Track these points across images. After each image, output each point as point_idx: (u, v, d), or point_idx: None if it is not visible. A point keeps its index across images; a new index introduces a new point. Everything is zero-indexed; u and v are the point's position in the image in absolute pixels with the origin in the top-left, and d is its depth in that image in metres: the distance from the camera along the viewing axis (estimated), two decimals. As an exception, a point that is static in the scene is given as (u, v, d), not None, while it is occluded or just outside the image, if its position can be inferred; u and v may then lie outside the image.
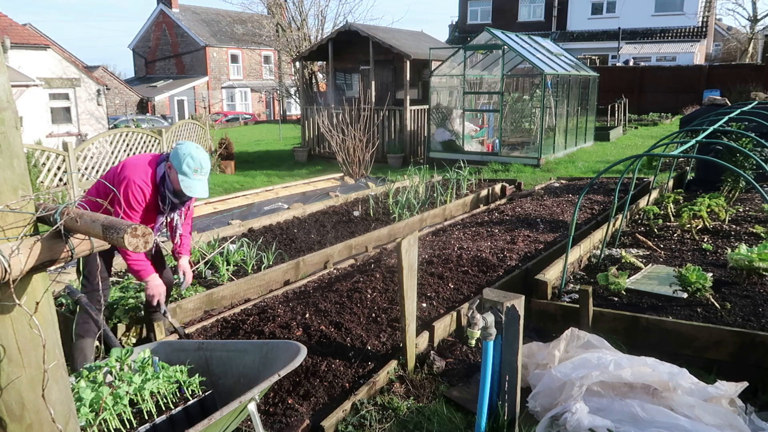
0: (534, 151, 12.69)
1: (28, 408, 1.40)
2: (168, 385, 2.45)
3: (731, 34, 40.70)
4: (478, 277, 5.03)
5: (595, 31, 30.99)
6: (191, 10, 37.59)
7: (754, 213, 6.38)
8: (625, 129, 18.70)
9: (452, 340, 4.00)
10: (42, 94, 16.76)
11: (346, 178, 11.44)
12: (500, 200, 8.76)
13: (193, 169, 3.28)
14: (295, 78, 22.87)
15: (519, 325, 2.79)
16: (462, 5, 34.50)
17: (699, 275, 4.04)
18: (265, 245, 6.15)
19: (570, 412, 2.77)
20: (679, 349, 3.51)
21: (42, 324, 1.38)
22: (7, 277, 1.26)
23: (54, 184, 9.67)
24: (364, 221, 7.48)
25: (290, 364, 2.39)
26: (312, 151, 15.69)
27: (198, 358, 2.76)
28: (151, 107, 32.99)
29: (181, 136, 13.36)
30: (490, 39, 13.06)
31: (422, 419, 3.09)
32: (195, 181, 3.30)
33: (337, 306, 4.33)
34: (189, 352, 2.80)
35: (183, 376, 2.52)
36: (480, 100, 15.04)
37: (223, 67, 36.81)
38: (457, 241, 6.09)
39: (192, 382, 2.51)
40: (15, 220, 1.34)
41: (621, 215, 6.08)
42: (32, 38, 17.53)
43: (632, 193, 6.68)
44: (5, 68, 1.32)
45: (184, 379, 2.51)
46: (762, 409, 3.04)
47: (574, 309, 3.87)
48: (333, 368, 3.53)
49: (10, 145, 1.31)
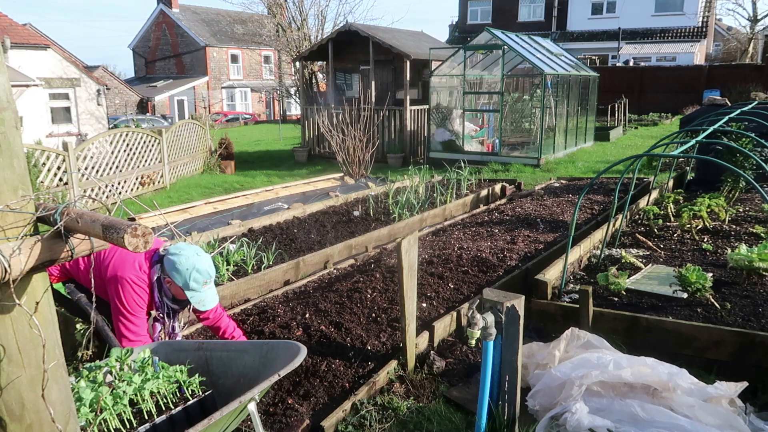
0: (534, 151, 12.69)
1: (28, 408, 1.40)
2: (168, 385, 2.45)
3: (731, 34, 40.70)
4: (478, 277, 5.03)
5: (595, 31, 30.99)
6: (191, 10, 37.59)
7: (754, 213, 6.38)
8: (625, 129, 18.70)
9: (452, 340, 4.00)
10: (42, 94, 16.76)
11: (346, 178, 11.44)
12: (500, 200, 8.76)
13: (202, 283, 2.89)
14: (295, 78, 22.88)
15: (519, 325, 2.79)
16: (462, 5, 34.50)
17: (699, 275, 4.04)
18: (265, 245, 6.15)
19: (570, 412, 2.77)
20: (679, 349, 3.51)
21: (42, 324, 1.38)
22: (7, 277, 1.26)
23: (54, 184, 9.66)
24: (364, 221, 7.49)
25: (290, 364, 2.39)
26: (312, 151, 15.69)
27: (198, 358, 2.76)
28: (151, 107, 32.98)
29: (181, 135, 13.35)
30: (490, 39, 13.06)
31: (422, 419, 3.09)
32: (206, 292, 2.93)
33: (337, 306, 4.33)
34: (189, 352, 2.80)
35: (183, 376, 2.51)
36: (480, 100, 15.04)
37: (223, 67, 36.80)
38: (457, 241, 6.09)
39: (192, 382, 2.51)
40: (15, 220, 1.34)
41: (621, 215, 6.08)
42: (32, 38, 17.53)
43: (632, 193, 6.68)
44: (5, 68, 1.32)
45: (184, 379, 2.51)
46: (762, 409, 3.04)
47: (574, 309, 3.87)
48: (333, 368, 3.53)
49: (10, 145, 1.31)
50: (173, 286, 2.94)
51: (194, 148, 14.04)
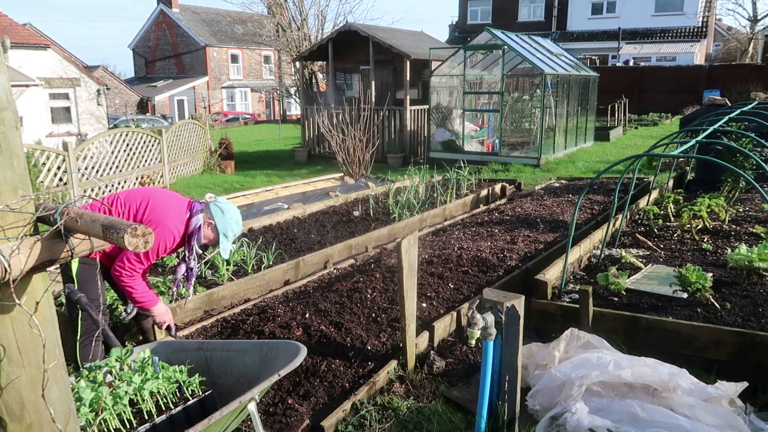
0: (534, 151, 12.69)
1: (28, 408, 1.40)
2: (168, 385, 2.45)
3: (731, 34, 40.70)
4: (478, 277, 5.03)
5: (595, 31, 30.99)
6: (191, 10, 37.59)
7: (754, 213, 6.38)
8: (625, 129, 18.70)
9: (452, 340, 4.00)
10: (42, 93, 16.76)
11: (346, 178, 11.44)
12: (500, 200, 8.76)
13: (233, 236, 3.37)
14: (295, 78, 22.88)
15: (519, 325, 2.79)
16: (462, 5, 34.50)
17: (699, 275, 4.04)
18: (265, 245, 6.15)
19: (570, 412, 2.77)
20: (679, 349, 3.51)
21: (42, 324, 1.38)
22: (7, 277, 1.26)
23: (54, 184, 9.66)
24: (364, 221, 7.48)
25: (290, 364, 2.39)
26: (312, 151, 15.69)
27: (198, 358, 2.76)
28: (151, 107, 32.98)
29: (181, 135, 13.36)
30: (490, 39, 13.06)
31: (422, 419, 3.09)
32: (230, 245, 3.38)
33: (337, 306, 4.33)
34: (189, 352, 2.80)
35: (183, 376, 2.52)
36: (480, 100, 15.04)
37: (223, 67, 36.80)
38: (457, 241, 6.09)
39: (192, 382, 2.51)
40: (15, 220, 1.34)
41: (621, 215, 6.08)
42: (32, 38, 17.52)
43: (632, 193, 6.68)
44: (5, 68, 1.32)
45: (183, 379, 2.51)
46: (762, 409, 3.04)
47: (574, 309, 3.87)
48: (333, 368, 3.53)
49: (10, 145, 1.31)
50: (210, 231, 3.33)
51: (194, 148, 14.04)
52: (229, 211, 3.33)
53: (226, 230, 3.31)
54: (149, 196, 3.31)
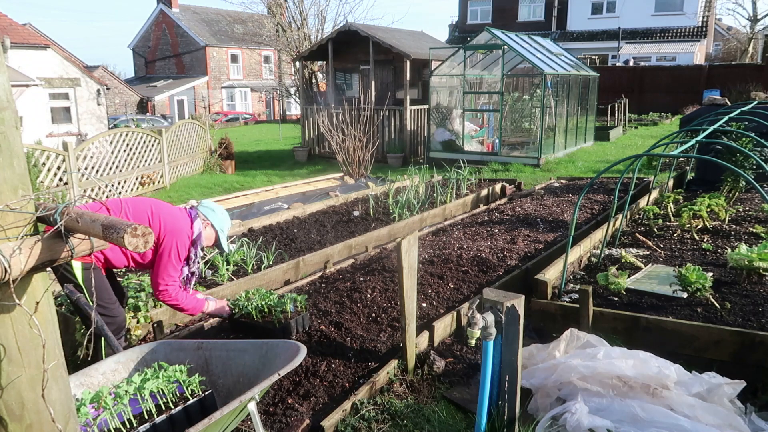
0: (534, 150, 12.69)
1: (28, 408, 1.40)
2: (168, 385, 2.45)
3: (731, 34, 40.71)
4: (478, 277, 5.03)
5: (595, 31, 30.99)
6: (191, 9, 37.57)
7: (754, 213, 6.38)
8: (625, 129, 18.70)
9: (452, 340, 4.00)
10: (42, 93, 16.75)
11: (346, 178, 11.44)
12: (500, 200, 8.76)
13: (227, 230, 3.60)
14: (295, 78, 22.87)
15: (519, 325, 2.79)
16: (462, 5, 34.49)
17: (699, 275, 4.04)
18: (265, 245, 6.15)
19: (570, 412, 2.78)
20: (679, 349, 3.51)
21: (42, 324, 1.38)
22: (7, 277, 1.26)
23: (54, 184, 9.66)
24: (364, 221, 7.48)
25: (290, 363, 2.39)
26: (312, 151, 15.69)
27: (197, 357, 2.76)
28: (151, 107, 32.98)
29: (181, 135, 13.35)
30: (490, 39, 13.06)
31: (422, 419, 3.09)
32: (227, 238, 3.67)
33: (337, 306, 4.33)
34: (188, 351, 2.80)
35: (183, 375, 2.52)
36: (480, 100, 15.03)
37: (223, 66, 36.79)
38: (457, 241, 6.09)
39: (192, 382, 2.52)
40: (15, 220, 1.34)
41: (621, 215, 6.08)
42: (32, 38, 17.52)
43: (632, 192, 6.68)
44: (5, 68, 1.32)
45: (183, 379, 2.51)
46: (762, 409, 3.04)
47: (574, 309, 3.87)
48: (333, 368, 3.53)
49: (10, 144, 1.31)
50: (210, 231, 3.49)
51: (194, 148, 14.04)
52: (218, 209, 3.57)
53: (222, 226, 3.53)
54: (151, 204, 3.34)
